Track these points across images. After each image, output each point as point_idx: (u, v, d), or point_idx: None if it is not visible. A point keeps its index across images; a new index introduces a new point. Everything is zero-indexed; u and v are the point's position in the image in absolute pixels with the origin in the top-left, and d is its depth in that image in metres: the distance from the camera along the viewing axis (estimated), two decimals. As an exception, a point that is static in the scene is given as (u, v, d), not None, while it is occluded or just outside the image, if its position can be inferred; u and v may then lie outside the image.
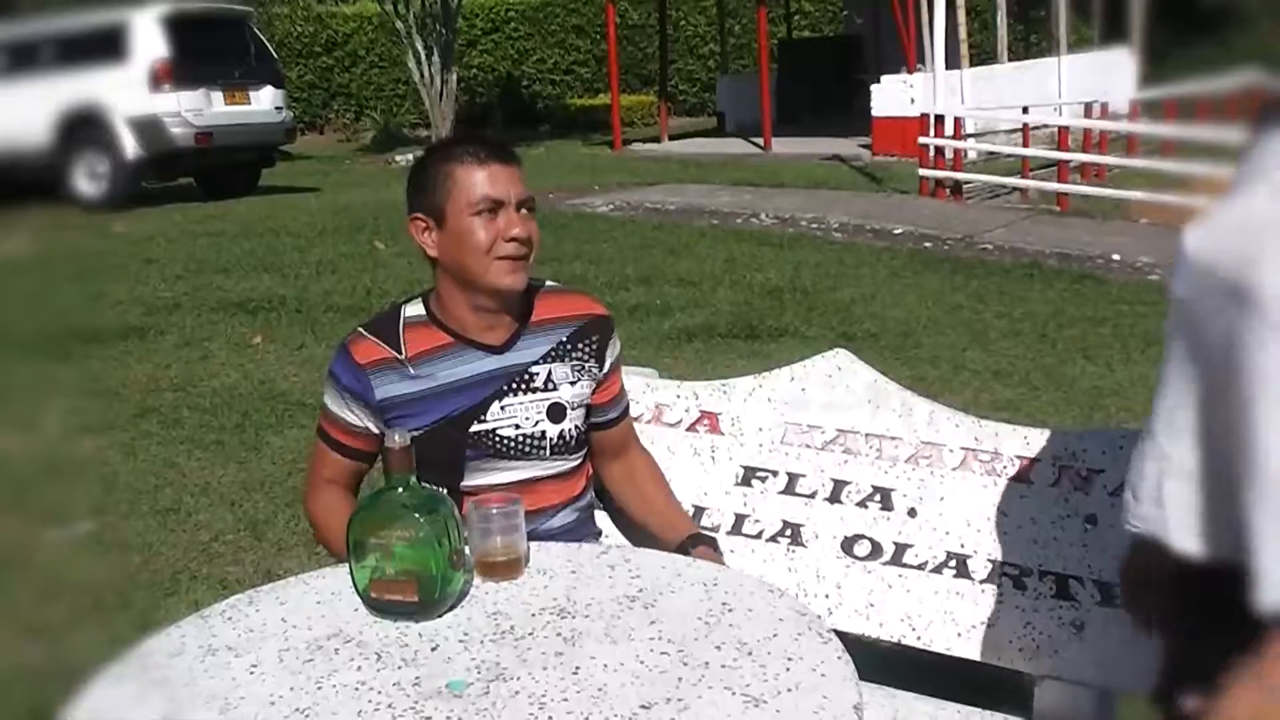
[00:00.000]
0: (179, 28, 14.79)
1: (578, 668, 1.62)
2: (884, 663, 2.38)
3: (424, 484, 1.88)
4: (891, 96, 16.64)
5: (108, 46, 14.62)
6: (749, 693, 1.54)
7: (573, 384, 2.44)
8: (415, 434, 2.25)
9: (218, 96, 15.07)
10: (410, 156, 20.40)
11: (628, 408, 2.61)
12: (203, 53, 14.87)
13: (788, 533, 2.60)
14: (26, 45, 15.13)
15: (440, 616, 1.79)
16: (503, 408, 2.38)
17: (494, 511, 1.90)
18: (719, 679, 1.58)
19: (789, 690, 1.55)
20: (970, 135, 14.66)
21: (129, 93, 14.49)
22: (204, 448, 5.69)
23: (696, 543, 2.39)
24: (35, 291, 9.64)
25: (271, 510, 4.86)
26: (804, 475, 2.61)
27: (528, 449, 2.39)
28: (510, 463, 2.38)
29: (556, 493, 2.44)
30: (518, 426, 2.38)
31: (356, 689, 1.60)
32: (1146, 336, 7.09)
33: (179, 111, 14.59)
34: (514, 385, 2.40)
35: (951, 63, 16.21)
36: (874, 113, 16.91)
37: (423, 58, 21.30)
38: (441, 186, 2.35)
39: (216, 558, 4.47)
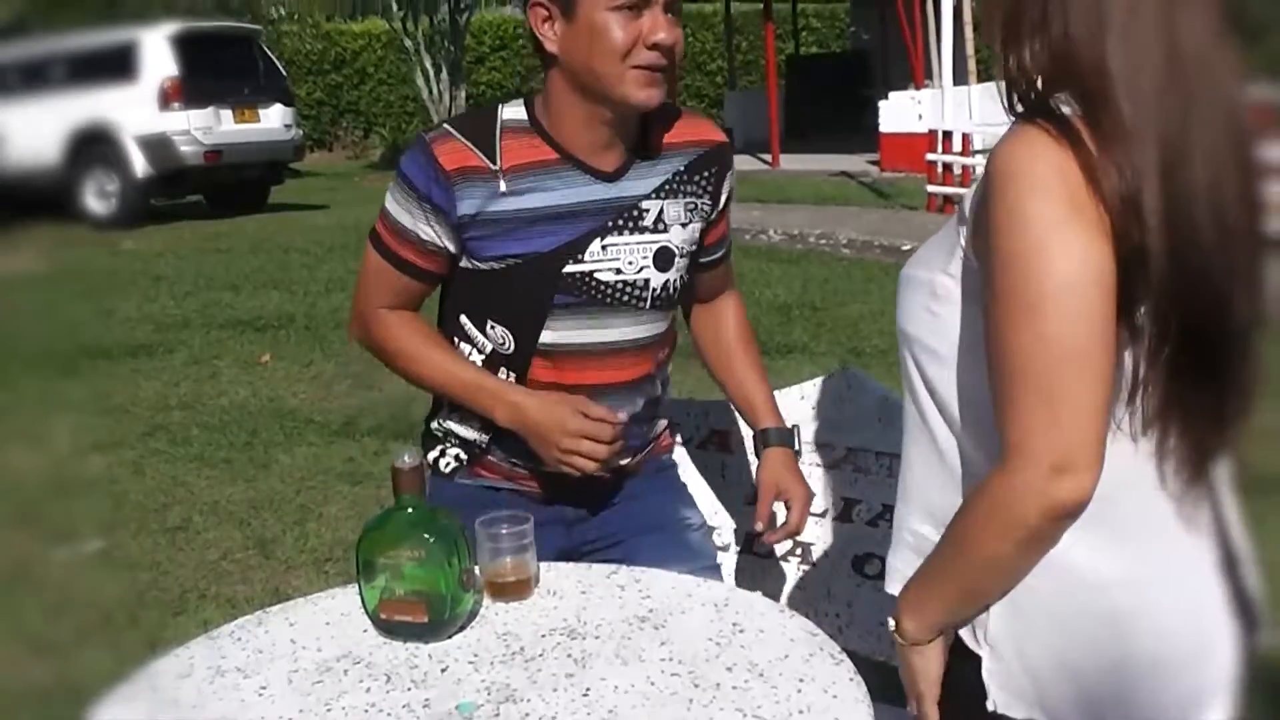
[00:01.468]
0: (188, 46, 14.87)
1: (588, 689, 1.62)
2: (896, 683, 2.37)
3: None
4: (899, 112, 16.64)
5: (118, 65, 14.70)
6: (760, 715, 1.53)
7: (684, 225, 2.13)
8: (495, 266, 2.05)
9: (227, 114, 15.13)
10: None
11: (730, 244, 2.35)
12: (212, 71, 14.93)
13: (798, 551, 2.59)
14: (38, 64, 15.21)
15: (450, 637, 1.78)
16: (604, 247, 2.06)
17: (504, 531, 1.89)
18: (730, 701, 1.57)
19: (801, 712, 1.54)
20: (978, 151, 14.64)
21: (138, 111, 14.57)
22: (213, 465, 5.69)
23: (769, 442, 2.28)
24: (45, 308, 9.67)
25: (280, 529, 4.86)
26: (814, 493, 2.60)
27: (626, 298, 2.09)
28: (602, 315, 2.09)
29: (636, 365, 2.17)
30: (619, 271, 2.07)
31: (366, 711, 1.59)
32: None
33: (188, 130, 14.66)
34: (620, 222, 2.07)
35: (959, 78, 16.22)
36: (882, 129, 16.92)
37: (431, 75, 21.37)
38: None
39: (225, 576, 4.47)
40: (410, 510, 1.77)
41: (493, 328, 2.12)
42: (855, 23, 26.49)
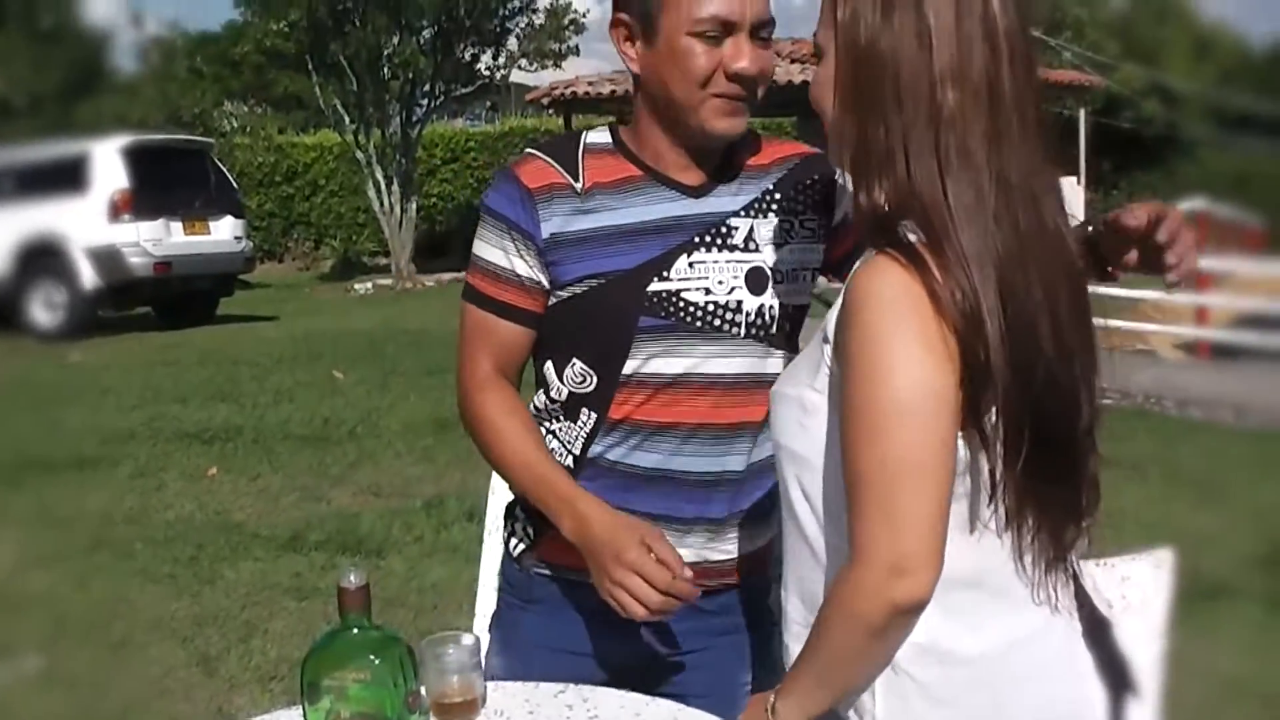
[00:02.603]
0: (140, 158, 14.92)
1: (535, 811, 1.60)
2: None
3: (374, 626, 1.83)
4: (846, 224, 16.84)
5: (68, 177, 14.72)
6: (708, 835, 1.52)
7: (778, 246, 1.98)
8: (577, 290, 1.95)
9: (177, 226, 15.16)
10: (369, 285, 20.51)
11: None
12: (163, 183, 14.98)
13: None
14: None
15: (395, 759, 1.76)
16: (691, 264, 1.93)
17: (450, 651, 1.88)
18: (678, 821, 1.56)
19: (749, 832, 1.53)
20: (924, 262, 14.84)
21: (88, 223, 14.56)
22: (156, 580, 5.61)
23: None
24: (-11, 421, 9.55)
25: (224, 646, 4.78)
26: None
27: (718, 322, 1.94)
28: (693, 341, 1.94)
29: (734, 406, 1.98)
30: (708, 291, 1.93)
31: (309, 836, 1.57)
32: (1102, 460, 7.13)
33: (138, 241, 14.66)
34: (707, 238, 1.95)
35: (904, 191, 16.48)
36: (829, 240, 17.10)
37: (383, 187, 21.56)
38: None
39: (167, 694, 4.38)
40: (356, 630, 1.75)
41: (573, 366, 1.99)
42: (802, 136, 26.89)
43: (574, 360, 1.99)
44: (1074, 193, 19.02)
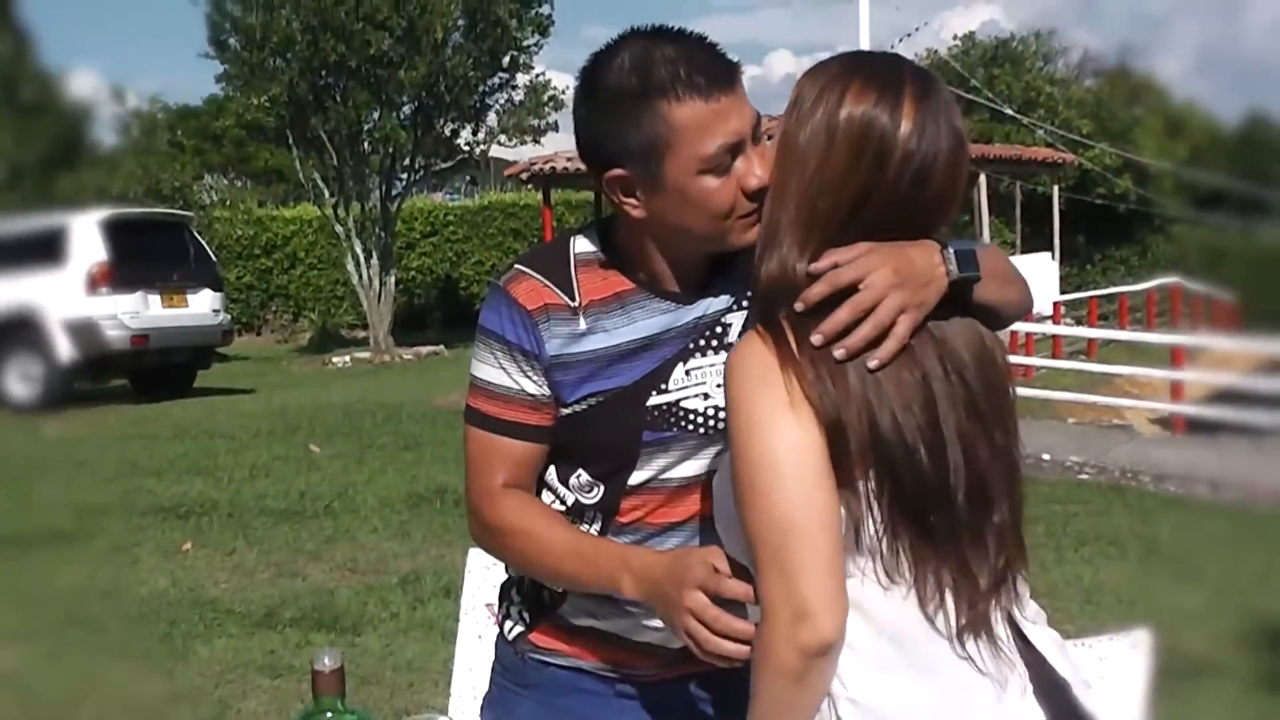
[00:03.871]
0: (119, 231, 14.90)
1: None
2: None
3: (352, 710, 1.81)
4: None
5: (46, 249, 14.65)
6: None
7: None
8: (578, 408, 1.90)
9: (155, 299, 15.11)
10: (347, 359, 20.47)
11: None
12: (142, 256, 14.95)
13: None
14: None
15: (369, 844, 1.73)
16: (688, 372, 1.88)
17: (425, 733, 1.86)
18: None
19: None
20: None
21: (66, 295, 14.50)
22: (129, 658, 5.55)
23: None
24: (-39, 496, 9.46)
25: (197, 725, 4.73)
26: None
27: (722, 425, 1.82)
28: (699, 445, 1.89)
29: None
30: (707, 396, 1.88)
31: None
32: (1080, 536, 7.15)
33: (116, 314, 14.60)
34: (701, 342, 1.89)
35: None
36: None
37: (361, 260, 21.59)
38: (651, 132, 1.76)
39: (138, 775, 4.32)
40: (330, 714, 1.74)
41: (578, 476, 1.95)
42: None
43: (579, 471, 1.95)
44: (1048, 268, 19.17)
